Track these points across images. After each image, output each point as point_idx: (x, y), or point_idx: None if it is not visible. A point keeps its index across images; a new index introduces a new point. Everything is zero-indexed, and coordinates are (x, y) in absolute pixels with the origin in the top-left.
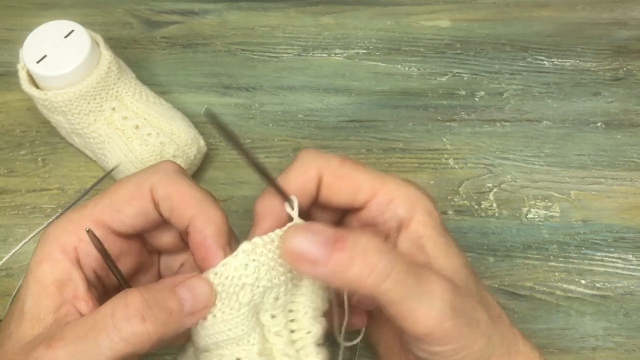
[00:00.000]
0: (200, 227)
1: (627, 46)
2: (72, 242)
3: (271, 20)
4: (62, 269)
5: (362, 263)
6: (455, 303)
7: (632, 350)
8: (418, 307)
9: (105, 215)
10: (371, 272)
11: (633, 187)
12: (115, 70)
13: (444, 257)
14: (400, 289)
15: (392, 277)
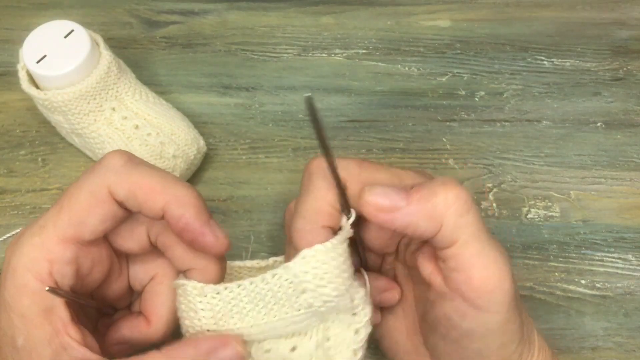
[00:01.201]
0: (177, 213)
1: (627, 46)
2: (45, 268)
3: (271, 20)
4: (43, 298)
5: (445, 194)
6: (511, 271)
7: (632, 350)
8: (488, 254)
9: (69, 230)
10: (455, 202)
11: (633, 187)
12: (115, 70)
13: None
14: (478, 227)
15: (473, 210)
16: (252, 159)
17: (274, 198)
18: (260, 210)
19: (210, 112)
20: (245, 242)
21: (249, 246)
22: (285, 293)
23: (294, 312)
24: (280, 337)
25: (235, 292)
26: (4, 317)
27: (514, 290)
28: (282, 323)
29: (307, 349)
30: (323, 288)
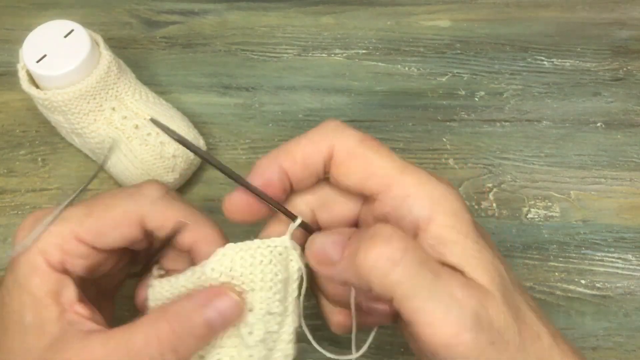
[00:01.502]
0: (203, 251)
1: (627, 46)
2: (57, 256)
3: (271, 20)
4: (53, 280)
5: (368, 249)
6: (480, 314)
7: (632, 350)
8: (433, 309)
9: (89, 236)
10: (378, 259)
11: (633, 187)
12: (115, 70)
13: (474, 265)
14: (412, 282)
15: (401, 265)
16: (252, 159)
17: None
18: None
19: (210, 112)
20: None
21: None
22: (195, 289)
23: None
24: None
25: (169, 284)
26: (15, 294)
27: (482, 337)
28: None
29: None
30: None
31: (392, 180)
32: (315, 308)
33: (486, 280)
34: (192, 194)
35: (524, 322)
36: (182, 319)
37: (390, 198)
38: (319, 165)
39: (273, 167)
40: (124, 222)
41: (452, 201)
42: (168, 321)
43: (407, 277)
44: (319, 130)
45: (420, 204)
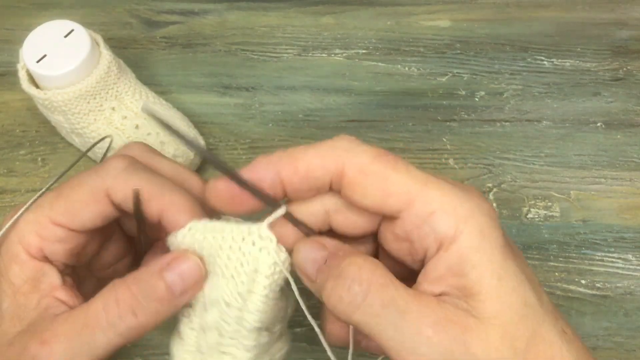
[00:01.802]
0: (172, 219)
1: (627, 46)
2: (35, 243)
3: (271, 20)
4: (32, 268)
5: (332, 290)
6: (454, 351)
7: (632, 350)
8: (400, 346)
9: (63, 217)
10: (339, 303)
11: (633, 187)
12: (115, 70)
13: (489, 292)
14: (375, 322)
15: (362, 309)
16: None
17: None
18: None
19: (210, 112)
20: None
21: None
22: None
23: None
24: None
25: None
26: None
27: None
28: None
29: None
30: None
31: (413, 196)
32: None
33: (495, 310)
34: None
35: (536, 354)
36: (141, 282)
37: (413, 215)
38: (323, 181)
39: (269, 169)
40: (91, 198)
41: (479, 218)
42: (127, 285)
43: (368, 318)
44: (330, 145)
45: (445, 222)
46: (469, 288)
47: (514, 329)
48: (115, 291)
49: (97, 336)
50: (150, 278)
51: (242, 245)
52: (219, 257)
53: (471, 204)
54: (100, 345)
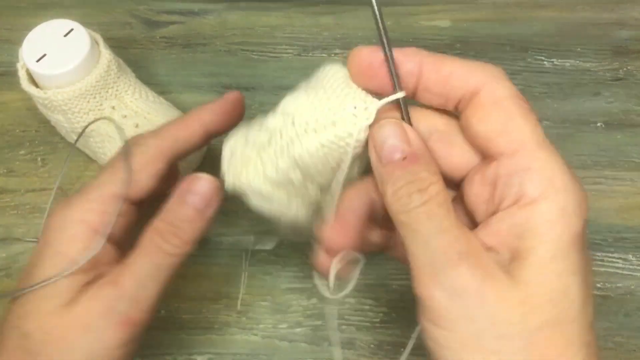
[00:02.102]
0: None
1: (627, 46)
2: (95, 220)
3: (271, 20)
4: (91, 242)
5: (400, 188)
6: (466, 291)
7: (633, 350)
8: (422, 263)
9: (122, 189)
10: (398, 199)
11: (633, 187)
12: (114, 69)
13: (539, 265)
14: (414, 231)
15: (412, 213)
16: None
17: None
18: None
19: None
20: (245, 242)
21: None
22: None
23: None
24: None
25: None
26: (41, 254)
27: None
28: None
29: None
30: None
31: (522, 146)
32: (315, 309)
33: (530, 280)
34: None
35: (546, 342)
36: (170, 212)
37: (512, 163)
38: (456, 94)
39: (416, 58)
40: (148, 160)
41: (569, 198)
42: (161, 219)
43: (413, 224)
44: (480, 65)
45: (536, 182)
46: (520, 252)
47: (538, 307)
48: (154, 227)
49: (154, 265)
50: (176, 207)
51: (344, 101)
52: (322, 88)
53: (569, 183)
54: (160, 273)
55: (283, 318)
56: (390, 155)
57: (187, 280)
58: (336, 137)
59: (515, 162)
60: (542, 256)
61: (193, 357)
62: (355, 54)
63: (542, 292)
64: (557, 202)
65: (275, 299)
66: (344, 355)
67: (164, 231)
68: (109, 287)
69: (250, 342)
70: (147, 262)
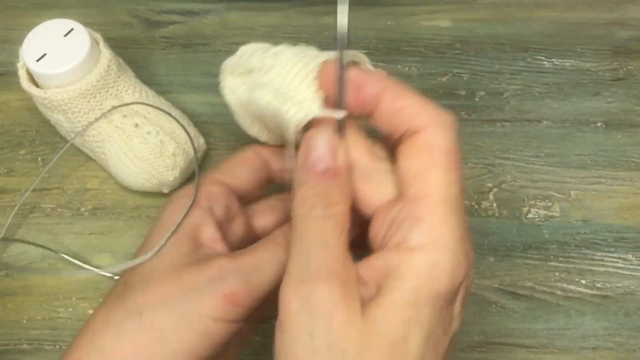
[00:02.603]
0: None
1: (627, 46)
2: (203, 196)
3: (271, 20)
4: (197, 215)
5: (301, 195)
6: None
7: (633, 350)
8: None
9: (228, 178)
10: (300, 206)
11: (633, 187)
12: (114, 69)
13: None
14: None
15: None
16: None
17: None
18: None
19: (210, 111)
20: None
21: None
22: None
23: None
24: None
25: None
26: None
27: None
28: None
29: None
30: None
31: (427, 197)
32: None
33: (365, 331)
34: None
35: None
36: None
37: (409, 209)
38: (402, 126)
39: (375, 85)
40: (247, 158)
41: (445, 256)
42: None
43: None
44: (434, 109)
45: (420, 233)
46: (381, 291)
47: (376, 346)
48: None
49: (281, 255)
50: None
51: (302, 90)
52: (301, 63)
53: (452, 247)
54: (283, 264)
55: None
56: (314, 163)
57: None
58: (282, 112)
59: (413, 209)
60: (396, 300)
61: None
62: (325, 65)
63: (384, 333)
64: (431, 257)
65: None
66: None
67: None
68: (224, 259)
69: (251, 344)
70: (272, 251)
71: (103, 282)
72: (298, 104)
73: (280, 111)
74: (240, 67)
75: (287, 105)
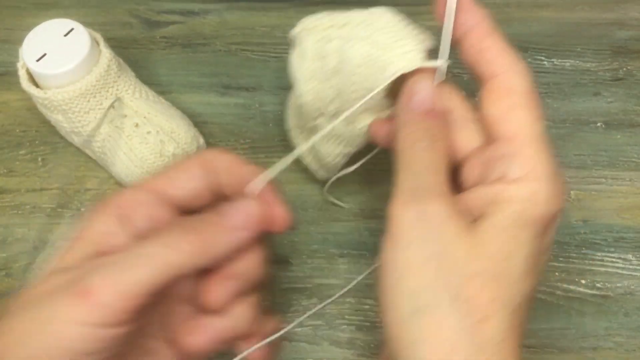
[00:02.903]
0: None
1: (627, 46)
2: (116, 203)
3: (271, 20)
4: (103, 222)
5: (406, 133)
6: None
7: (632, 350)
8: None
9: (162, 184)
10: (404, 140)
11: (633, 187)
12: (114, 68)
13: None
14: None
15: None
16: (252, 159)
17: None
18: None
19: (210, 112)
20: None
21: None
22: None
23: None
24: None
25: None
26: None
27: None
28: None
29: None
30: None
31: (517, 135)
32: None
33: (473, 241)
34: None
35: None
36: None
37: (503, 147)
38: (483, 67)
39: (472, 19)
40: (189, 165)
41: (543, 185)
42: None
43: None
44: (511, 55)
45: (518, 167)
46: (484, 214)
47: (482, 256)
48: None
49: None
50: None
51: (402, 40)
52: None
53: (549, 177)
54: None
55: (283, 318)
56: (417, 104)
57: None
58: (382, 61)
59: (507, 147)
60: (502, 221)
61: None
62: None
63: (491, 248)
64: (531, 186)
65: (275, 299)
66: (343, 355)
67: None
68: (95, 259)
69: None
70: (151, 248)
71: None
72: (401, 55)
73: (380, 60)
74: (327, 22)
75: (389, 55)
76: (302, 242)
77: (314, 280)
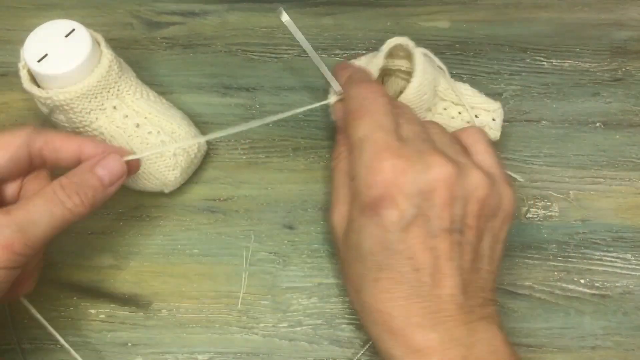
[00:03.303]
0: (92, 149)
1: (626, 47)
2: None
3: (271, 21)
4: None
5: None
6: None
7: (631, 349)
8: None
9: None
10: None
11: (632, 187)
12: (116, 69)
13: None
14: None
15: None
16: (252, 159)
17: (274, 198)
18: (261, 210)
19: (210, 112)
20: (246, 242)
21: (249, 245)
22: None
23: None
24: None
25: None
26: None
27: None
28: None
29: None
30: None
31: None
32: (315, 308)
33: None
34: (192, 194)
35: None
36: (78, 175)
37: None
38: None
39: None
40: (10, 143)
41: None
42: (67, 177)
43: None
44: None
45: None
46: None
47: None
48: (59, 181)
49: (54, 209)
50: (85, 172)
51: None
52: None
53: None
54: (53, 220)
55: (283, 317)
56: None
57: (188, 279)
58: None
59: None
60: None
61: (194, 356)
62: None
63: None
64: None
65: (275, 298)
66: (343, 354)
67: (67, 187)
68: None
69: (251, 341)
70: (43, 206)
71: (104, 282)
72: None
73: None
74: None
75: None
76: (302, 242)
77: (314, 280)
